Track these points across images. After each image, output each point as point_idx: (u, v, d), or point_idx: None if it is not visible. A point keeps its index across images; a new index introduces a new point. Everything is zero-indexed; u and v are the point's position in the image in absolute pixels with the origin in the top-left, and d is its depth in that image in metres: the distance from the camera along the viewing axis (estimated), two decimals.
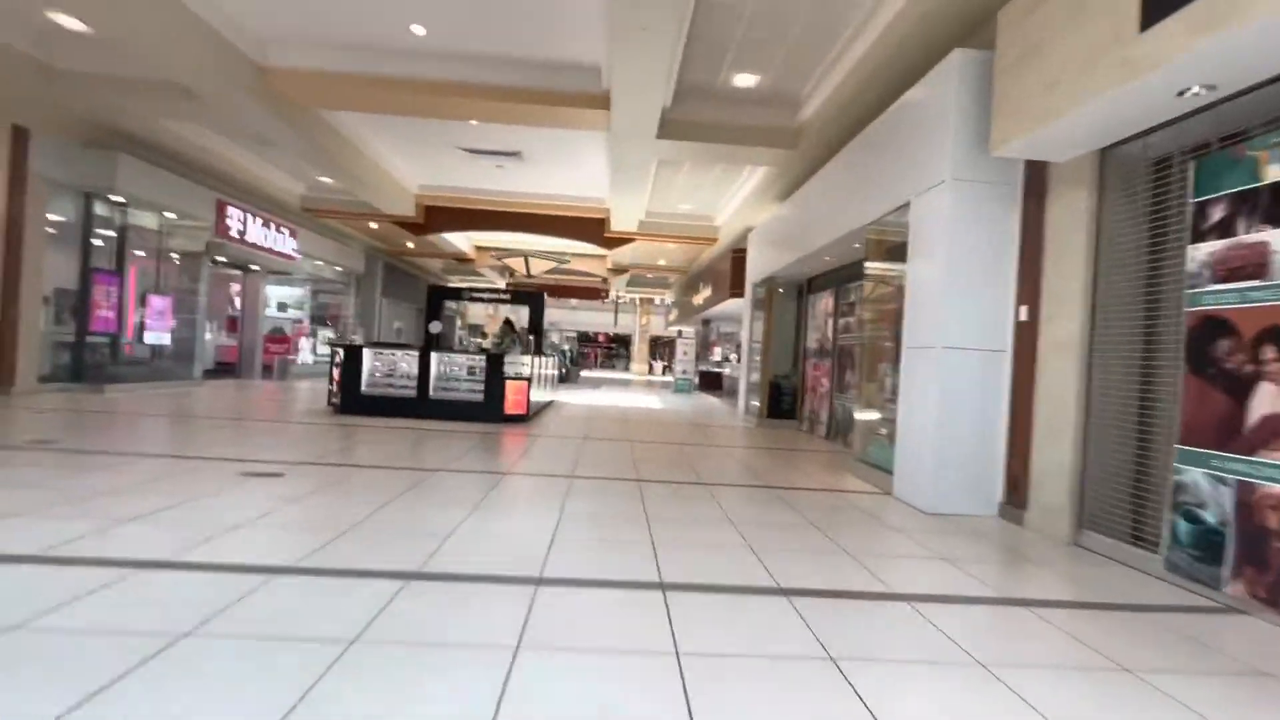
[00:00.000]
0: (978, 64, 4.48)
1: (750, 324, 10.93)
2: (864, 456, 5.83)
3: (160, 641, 1.93)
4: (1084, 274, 3.86)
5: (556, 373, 13.69)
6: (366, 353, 8.16)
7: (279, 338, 14.42)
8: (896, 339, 5.59)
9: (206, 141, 10.13)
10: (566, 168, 11.69)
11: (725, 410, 12.95)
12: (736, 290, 13.14)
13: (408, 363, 8.26)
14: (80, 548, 2.73)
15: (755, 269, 10.94)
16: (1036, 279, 4.28)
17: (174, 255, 11.46)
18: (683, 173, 10.93)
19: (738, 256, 13.22)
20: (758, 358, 10.57)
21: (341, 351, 8.14)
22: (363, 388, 8.12)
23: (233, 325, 14.73)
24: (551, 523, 3.58)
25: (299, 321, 15.36)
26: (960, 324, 4.52)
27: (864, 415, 5.99)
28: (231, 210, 11.48)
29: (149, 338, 10.21)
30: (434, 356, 8.18)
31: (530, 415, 8.66)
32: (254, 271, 13.58)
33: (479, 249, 19.14)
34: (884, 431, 5.72)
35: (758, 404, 10.18)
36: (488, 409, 8.12)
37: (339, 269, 16.98)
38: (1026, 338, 4.35)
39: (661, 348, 39.64)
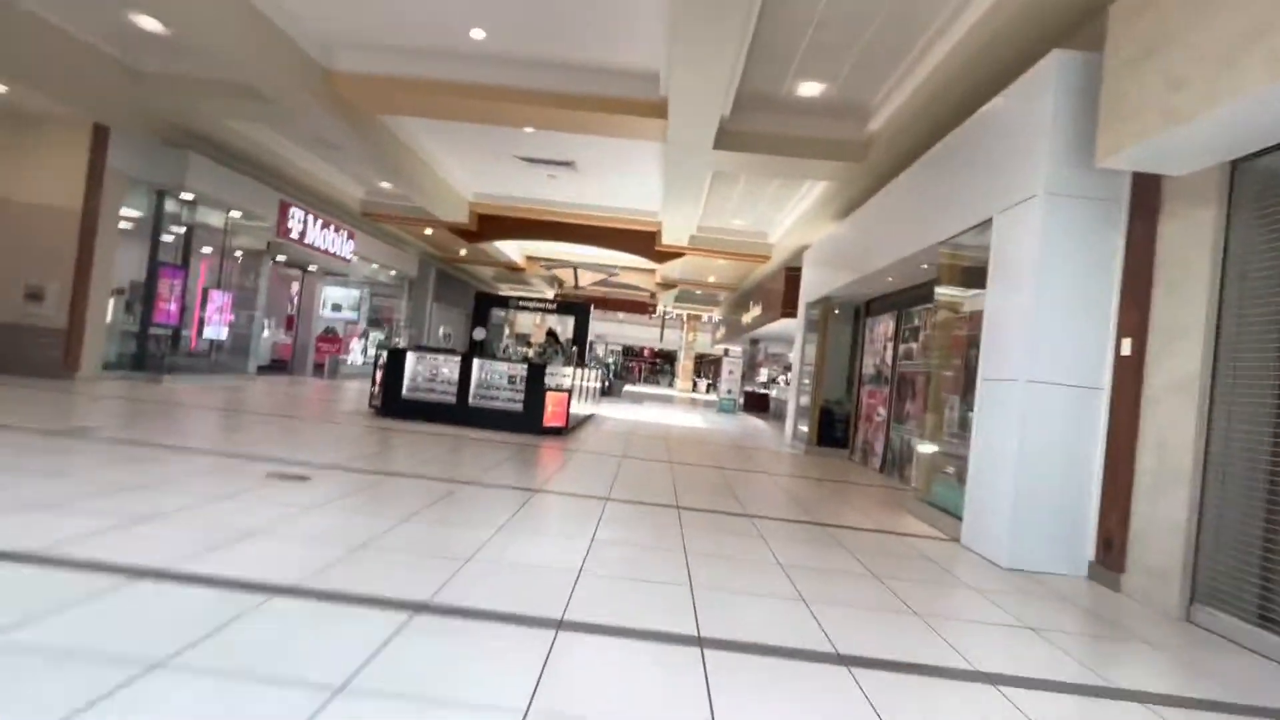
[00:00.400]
0: (1079, 66, 4.02)
1: (802, 345, 10.44)
2: (927, 496, 5.30)
3: (126, 673, 1.70)
4: (1207, 304, 3.33)
5: (599, 386, 13.48)
6: (409, 356, 8.10)
7: (331, 337, 14.72)
8: (968, 370, 5.08)
9: (273, 144, 10.43)
10: (619, 179, 11.53)
11: (771, 434, 12.42)
12: (789, 310, 12.65)
13: (449, 368, 8.15)
14: (84, 548, 2.58)
15: (810, 288, 10.46)
16: (1144, 308, 3.75)
17: (237, 253, 11.83)
18: (738, 187, 10.61)
19: (791, 275, 12.75)
20: (808, 381, 10.07)
21: (385, 354, 8.10)
22: (404, 391, 8.05)
23: (290, 323, 15.15)
24: (580, 552, 3.27)
25: (353, 322, 15.67)
26: (1050, 355, 4.01)
27: (927, 450, 5.47)
28: (293, 211, 11.79)
29: (208, 331, 10.50)
30: (475, 363, 8.05)
31: (569, 428, 8.42)
32: (311, 272, 13.92)
33: (529, 259, 19.25)
34: (951, 470, 5.20)
35: (806, 430, 9.67)
36: (527, 419, 7.92)
37: (393, 273, 17.31)
38: (1128, 375, 3.81)
39: (706, 366, 39.17)
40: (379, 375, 8.17)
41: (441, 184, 12.19)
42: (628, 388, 26.21)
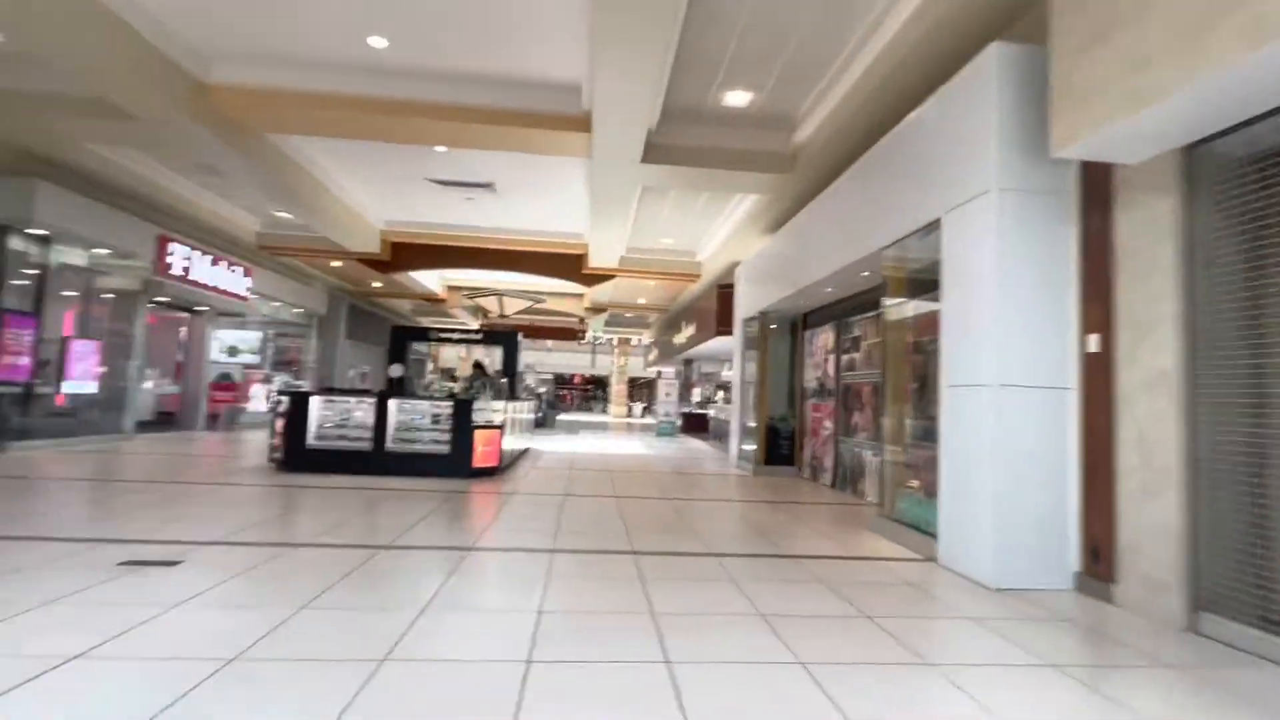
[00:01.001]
0: (1021, 58, 3.91)
1: (742, 363, 10.20)
2: (892, 514, 5.01)
3: None
4: (1176, 295, 3.19)
5: (532, 418, 12.75)
6: (314, 400, 7.17)
7: (226, 385, 13.24)
8: (924, 377, 4.87)
9: (147, 171, 9.25)
10: (542, 200, 11.04)
11: (715, 455, 12.08)
12: (724, 328, 12.47)
13: (362, 411, 7.28)
14: None
15: (745, 305, 10.28)
16: (1107, 302, 3.60)
17: (107, 294, 10.38)
18: (667, 205, 10.35)
19: (724, 292, 12.61)
20: (751, 400, 9.82)
21: (284, 399, 7.14)
22: (309, 440, 7.09)
23: (179, 371, 13.52)
24: (526, 632, 2.66)
25: (254, 366, 14.20)
26: (1019, 357, 3.81)
27: (888, 465, 5.21)
28: (174, 246, 10.51)
29: (69, 387, 9.05)
30: (392, 404, 7.22)
31: (503, 467, 7.69)
32: (200, 313, 12.50)
33: (450, 289, 18.31)
34: (915, 484, 4.94)
35: (753, 449, 9.37)
36: (454, 462, 7.14)
37: (298, 310, 15.95)
38: (1098, 372, 3.65)
39: (639, 389, 38.86)
40: (279, 424, 7.17)
41: (348, 211, 11.27)
42: (561, 417, 25.40)
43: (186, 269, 10.81)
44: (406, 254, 13.36)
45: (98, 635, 2.39)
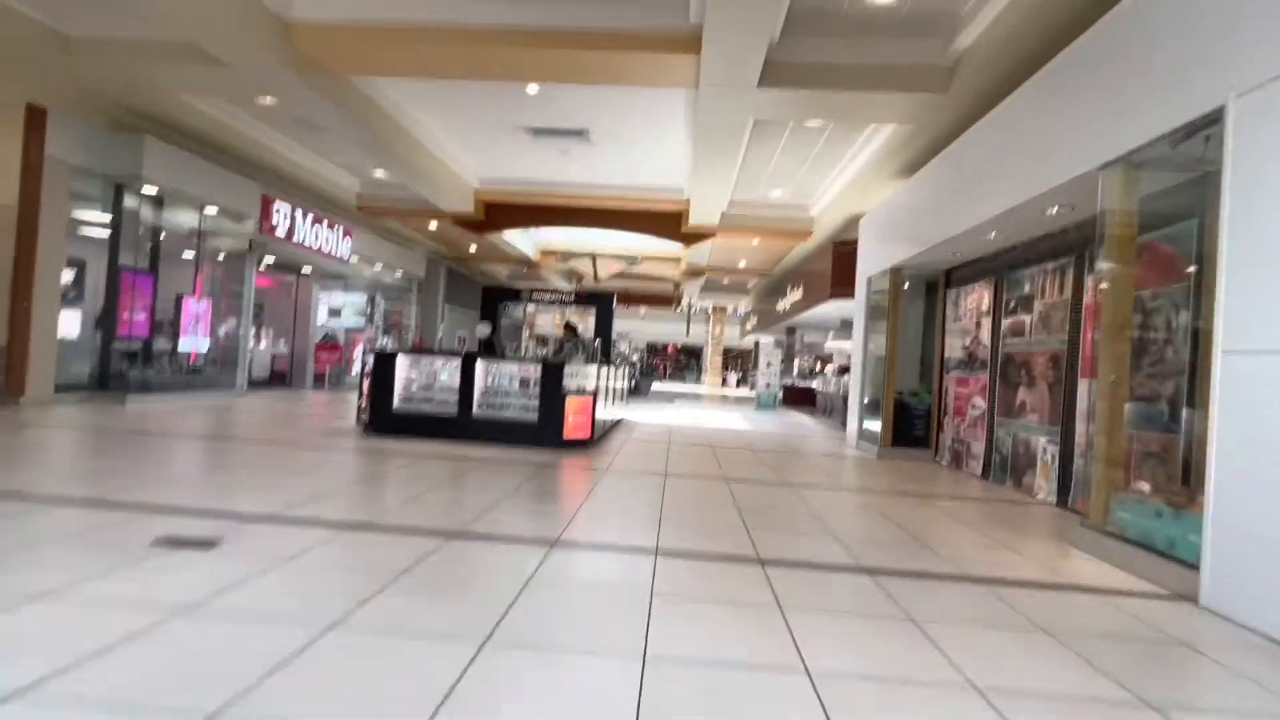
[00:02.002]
0: None
1: (866, 329, 8.86)
2: (1107, 525, 3.74)
3: None
4: None
5: (626, 385, 12.07)
6: (401, 361, 6.74)
7: (331, 345, 13.51)
8: (1158, 343, 3.52)
9: (245, 127, 9.18)
10: (639, 151, 10.07)
11: (826, 433, 10.85)
12: (840, 290, 11.08)
13: (448, 373, 6.78)
14: None
15: (871, 262, 8.89)
16: None
17: (219, 255, 10.65)
18: (778, 150, 9.07)
19: (841, 251, 11.18)
20: (875, 371, 8.51)
21: (371, 360, 6.75)
22: (395, 403, 6.69)
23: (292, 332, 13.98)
24: (628, 692, 1.81)
25: (357, 329, 14.45)
26: None
27: (1098, 460, 3.90)
28: (278, 206, 10.56)
29: (184, 344, 9.30)
30: (479, 365, 6.65)
31: (595, 439, 6.98)
32: (305, 275, 12.72)
33: (544, 253, 17.90)
34: (1145, 487, 3.63)
35: (877, 428, 8.11)
36: (543, 431, 6.50)
37: (399, 274, 16.10)
38: None
39: (733, 359, 37.48)
40: (366, 386, 6.82)
41: (442, 169, 10.86)
42: (655, 386, 24.75)
43: (290, 229, 10.88)
44: (500, 213, 12.91)
45: (98, 640, 1.79)
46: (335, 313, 13.53)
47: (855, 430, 8.88)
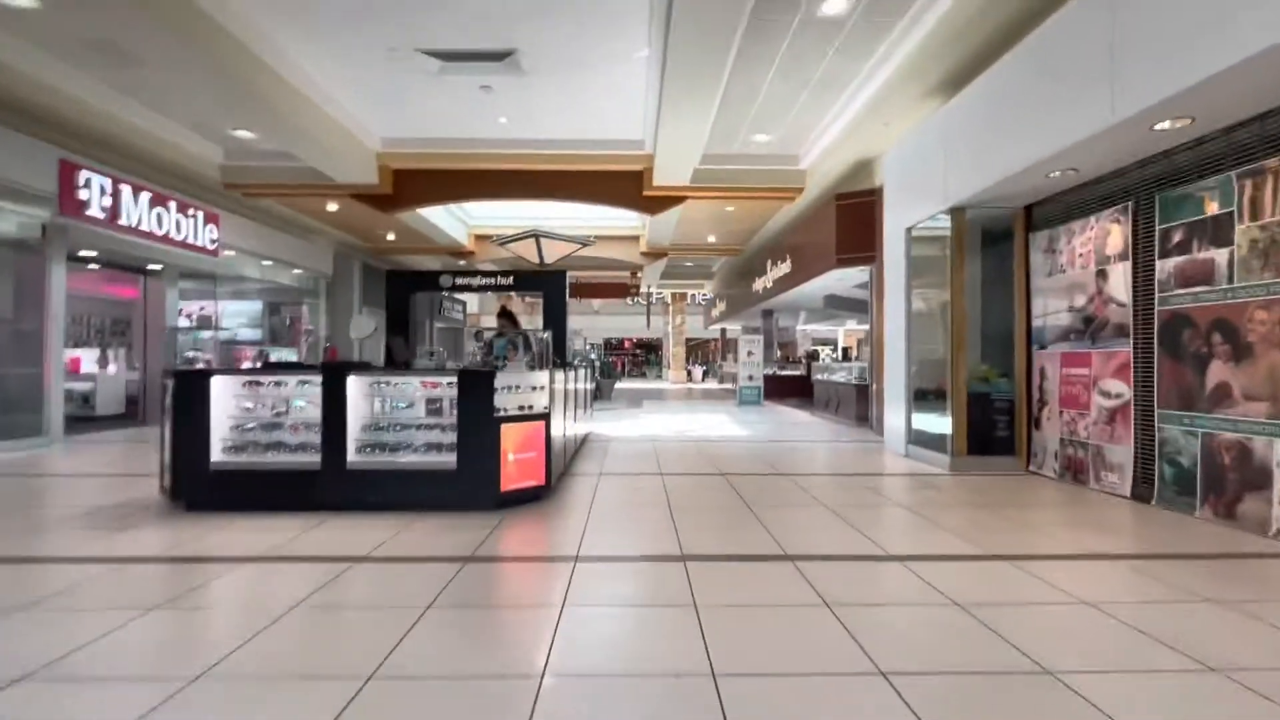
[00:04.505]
0: None
1: (908, 295, 6.64)
2: None
3: None
4: None
5: (589, 390, 9.58)
6: (218, 384, 4.07)
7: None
8: None
9: (33, 68, 6.22)
10: (589, 86, 7.60)
11: (848, 435, 8.63)
12: (850, 254, 8.89)
13: (306, 399, 4.15)
14: None
15: (911, 208, 6.68)
16: None
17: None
18: (769, 77, 6.74)
19: (848, 205, 8.98)
20: (909, 347, 6.32)
21: (170, 384, 4.07)
22: (215, 454, 4.03)
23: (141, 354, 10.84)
24: None
25: (239, 343, 11.43)
26: None
27: None
28: (88, 177, 7.58)
29: None
30: (351, 383, 4.05)
31: (552, 484, 4.50)
32: (155, 274, 9.68)
33: (478, 238, 15.17)
34: None
35: (941, 430, 5.90)
36: (467, 484, 3.97)
37: (298, 271, 13.13)
38: None
39: (693, 350, 35.29)
40: (168, 430, 4.11)
41: (330, 125, 8.11)
42: (618, 385, 22.25)
43: (113, 209, 7.90)
44: (413, 184, 10.18)
45: None
46: (205, 322, 10.50)
47: (902, 431, 6.65)
